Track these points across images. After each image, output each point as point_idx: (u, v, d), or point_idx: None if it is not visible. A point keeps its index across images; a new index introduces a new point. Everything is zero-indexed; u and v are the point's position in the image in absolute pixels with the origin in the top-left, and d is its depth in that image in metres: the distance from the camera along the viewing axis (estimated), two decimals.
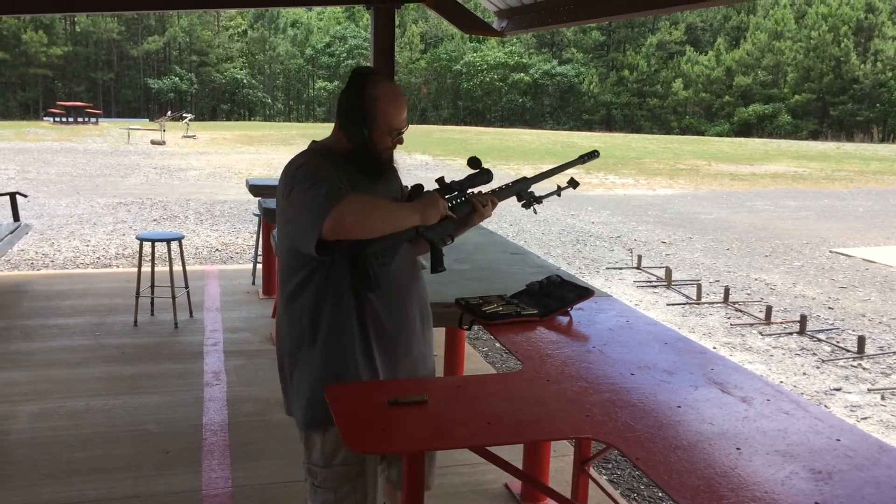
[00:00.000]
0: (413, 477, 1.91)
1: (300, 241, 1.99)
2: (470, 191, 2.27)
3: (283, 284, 2.15)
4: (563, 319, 2.61)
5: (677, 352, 2.36)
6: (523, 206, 2.47)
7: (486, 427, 1.77)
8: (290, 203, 2.01)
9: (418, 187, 2.21)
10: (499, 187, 2.42)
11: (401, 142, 2.14)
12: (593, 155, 2.64)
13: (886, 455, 1.71)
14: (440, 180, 2.24)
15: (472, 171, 2.27)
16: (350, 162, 2.09)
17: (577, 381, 2.07)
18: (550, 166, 2.59)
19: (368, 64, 4.63)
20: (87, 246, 9.30)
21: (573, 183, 2.56)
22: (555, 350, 2.31)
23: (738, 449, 1.70)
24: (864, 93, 44.74)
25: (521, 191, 2.45)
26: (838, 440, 1.77)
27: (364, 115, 2.04)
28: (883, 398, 5.23)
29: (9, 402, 3.91)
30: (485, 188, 2.28)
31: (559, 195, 2.60)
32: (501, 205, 2.42)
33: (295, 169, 2.03)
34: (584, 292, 2.69)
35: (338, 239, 1.93)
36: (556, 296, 2.69)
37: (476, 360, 4.98)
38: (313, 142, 2.18)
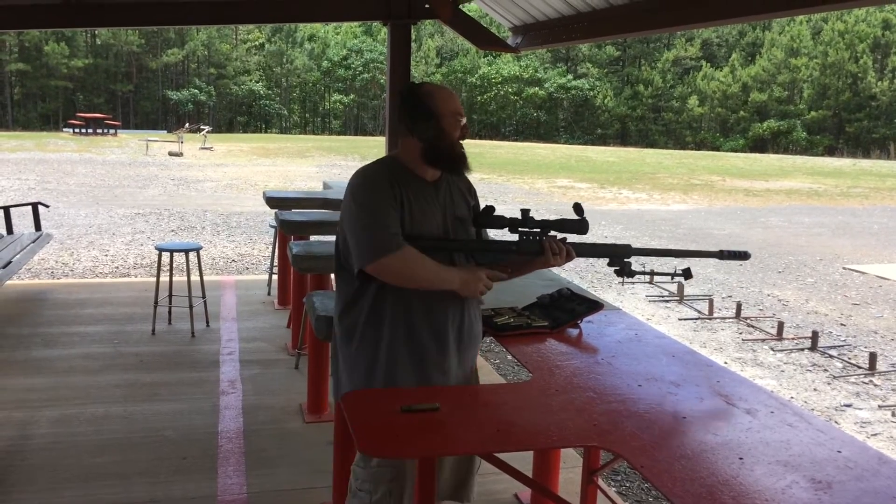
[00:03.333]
0: (425, 482, 1.96)
1: (350, 257, 2.15)
2: (553, 234, 2.26)
3: (340, 290, 2.28)
4: (573, 332, 2.66)
5: (684, 364, 2.41)
6: (616, 272, 2.36)
7: (496, 434, 1.83)
8: (345, 217, 2.16)
9: (488, 210, 2.28)
10: (593, 243, 2.35)
11: (467, 130, 2.23)
12: (739, 255, 2.46)
13: (886, 467, 1.75)
14: (525, 212, 2.26)
15: (568, 218, 2.24)
16: (427, 162, 2.18)
17: (586, 392, 2.12)
18: (675, 248, 2.47)
19: (384, 78, 4.72)
20: (106, 255, 9.44)
21: (687, 274, 2.37)
22: (564, 361, 2.36)
23: (740, 459, 1.75)
24: (881, 109, 44.53)
25: (619, 255, 2.34)
26: (839, 451, 1.81)
27: (427, 109, 2.15)
28: (894, 415, 5.23)
29: (30, 408, 4.00)
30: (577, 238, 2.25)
31: (672, 278, 2.46)
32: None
33: (360, 178, 2.17)
34: (594, 305, 2.74)
35: None
36: (567, 308, 2.74)
37: (488, 372, 5.03)
38: (389, 154, 2.31)
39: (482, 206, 2.35)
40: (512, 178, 21.92)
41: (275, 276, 6.35)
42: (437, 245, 2.20)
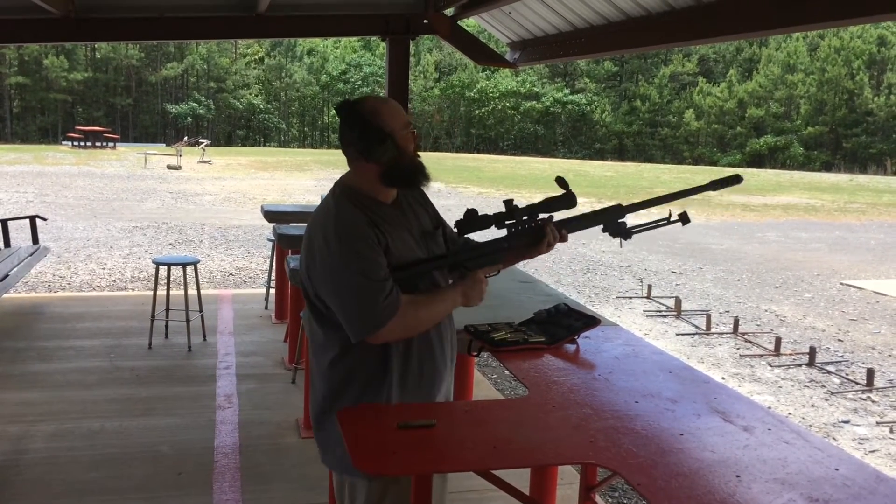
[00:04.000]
0: (420, 499, 1.96)
1: (342, 325, 1.99)
2: (543, 216, 2.14)
3: (313, 337, 2.12)
4: (570, 347, 2.65)
5: (681, 381, 2.40)
6: (611, 235, 2.23)
7: (493, 451, 1.82)
8: (324, 273, 1.98)
9: (471, 213, 2.13)
10: (583, 214, 2.21)
11: (419, 138, 2.09)
12: (732, 181, 2.29)
13: (884, 485, 1.75)
14: (508, 203, 2.14)
15: (554, 195, 2.11)
16: (387, 184, 2.05)
17: (583, 408, 2.11)
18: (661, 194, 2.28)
19: (383, 92, 4.73)
20: (104, 269, 9.43)
21: (684, 218, 2.22)
22: (561, 377, 2.35)
23: (737, 476, 1.74)
24: (878, 125, 44.73)
25: (611, 219, 2.22)
26: (837, 469, 1.81)
27: (377, 128, 1.99)
28: (892, 431, 5.22)
29: (25, 422, 3.98)
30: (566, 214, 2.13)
31: (668, 223, 2.26)
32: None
33: (335, 226, 1.98)
34: (591, 321, 2.74)
35: None
36: (564, 324, 2.74)
37: (485, 387, 5.02)
38: (338, 180, 2.13)
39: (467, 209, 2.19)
40: (510, 193, 21.95)
41: (272, 290, 6.35)
42: (427, 269, 2.10)
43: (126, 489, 3.33)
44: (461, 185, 23.54)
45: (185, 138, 36.27)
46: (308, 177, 25.31)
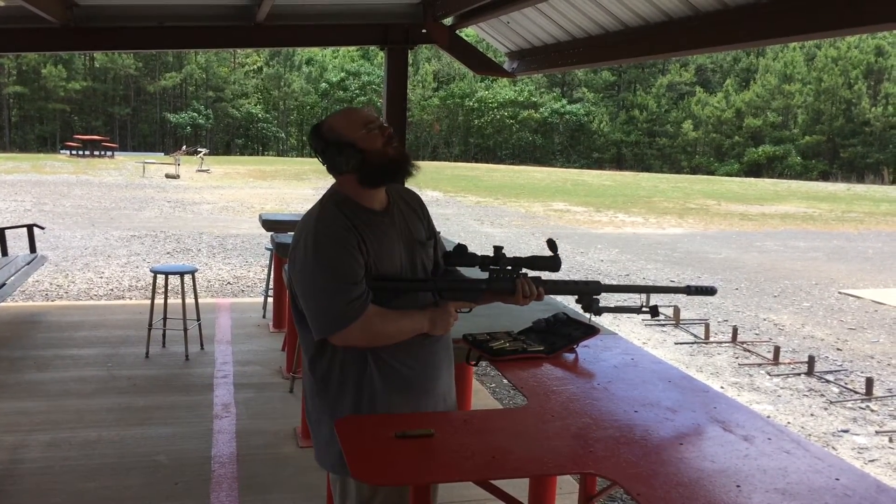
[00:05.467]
0: None
1: (308, 319, 2.07)
2: (524, 272, 2.22)
3: (304, 340, 2.18)
4: (569, 356, 2.65)
5: (681, 390, 2.40)
6: (583, 309, 2.36)
7: (492, 461, 1.81)
8: (300, 273, 2.05)
9: (461, 248, 2.20)
10: (563, 280, 2.32)
11: (389, 131, 2.10)
12: (705, 291, 2.43)
13: (885, 495, 1.74)
14: (497, 249, 2.22)
15: (541, 255, 2.21)
16: (369, 186, 2.10)
17: (582, 418, 2.11)
18: (642, 284, 2.41)
19: (381, 101, 4.75)
20: (101, 278, 9.41)
21: (654, 311, 2.36)
22: (560, 386, 2.35)
23: (737, 486, 1.73)
24: (875, 135, 44.85)
25: (587, 293, 2.33)
26: (838, 479, 1.80)
27: (335, 143, 2.06)
28: (891, 440, 5.21)
29: (22, 432, 3.97)
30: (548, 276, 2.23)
31: (638, 312, 2.39)
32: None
33: (314, 228, 2.05)
34: (590, 330, 2.73)
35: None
36: (563, 333, 2.73)
37: (484, 396, 5.01)
38: (328, 190, 2.19)
39: (457, 243, 2.28)
40: (508, 202, 21.97)
41: (270, 299, 6.34)
42: (405, 287, 2.14)
43: (123, 499, 3.31)
44: (459, 194, 23.55)
45: (184, 147, 36.28)
46: (306, 186, 25.32)
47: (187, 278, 5.58)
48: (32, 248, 6.88)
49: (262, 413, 4.37)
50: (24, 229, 6.89)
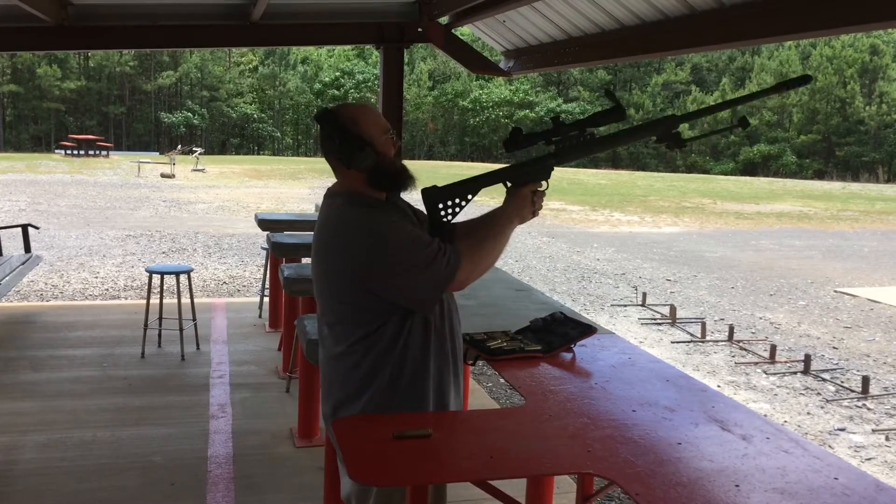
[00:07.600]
0: None
1: (414, 303, 2.04)
2: (591, 130, 2.13)
3: (337, 337, 2.10)
4: (567, 356, 2.64)
5: (678, 389, 2.39)
6: (667, 147, 2.19)
7: (489, 461, 1.81)
8: (373, 260, 1.99)
9: (517, 131, 2.18)
10: (637, 126, 2.19)
11: (398, 143, 2.13)
12: (803, 81, 2.18)
13: (884, 494, 1.74)
14: (555, 119, 2.15)
15: (602, 109, 2.11)
16: (374, 187, 2.09)
17: (579, 417, 2.10)
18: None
19: (377, 100, 4.73)
20: (96, 278, 9.38)
21: (744, 123, 2.15)
22: (557, 386, 2.34)
23: (736, 486, 1.73)
24: (870, 134, 44.98)
25: (666, 131, 2.16)
26: (836, 479, 1.80)
27: (356, 136, 2.02)
28: (887, 439, 5.21)
29: (16, 433, 3.94)
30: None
31: (730, 130, 2.32)
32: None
33: (366, 214, 2.02)
34: (588, 329, 2.73)
35: None
36: (560, 332, 2.73)
37: (481, 396, 5.00)
38: (330, 193, 2.14)
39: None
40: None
41: (266, 299, 6.32)
42: (467, 189, 2.18)
43: (118, 500, 3.29)
44: None
45: (179, 147, 36.21)
46: (302, 185, 25.29)
47: (183, 278, 5.55)
48: (27, 248, 6.85)
49: (258, 413, 4.35)
50: (19, 229, 6.86)
